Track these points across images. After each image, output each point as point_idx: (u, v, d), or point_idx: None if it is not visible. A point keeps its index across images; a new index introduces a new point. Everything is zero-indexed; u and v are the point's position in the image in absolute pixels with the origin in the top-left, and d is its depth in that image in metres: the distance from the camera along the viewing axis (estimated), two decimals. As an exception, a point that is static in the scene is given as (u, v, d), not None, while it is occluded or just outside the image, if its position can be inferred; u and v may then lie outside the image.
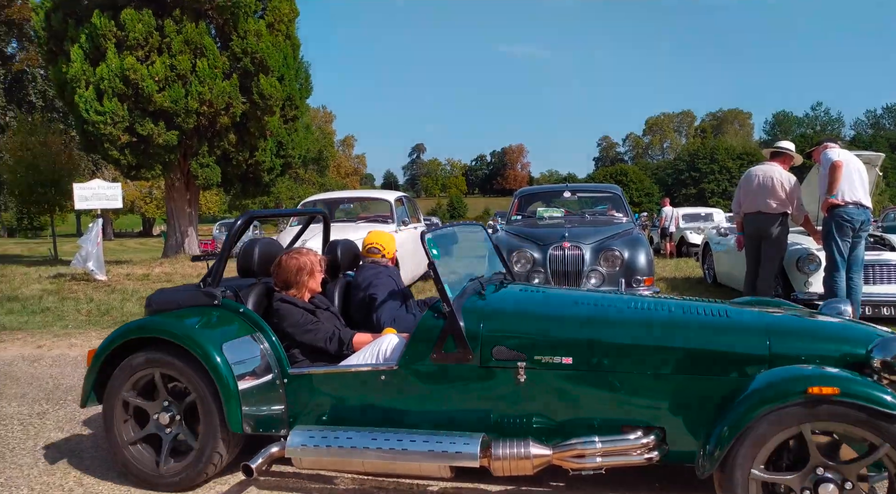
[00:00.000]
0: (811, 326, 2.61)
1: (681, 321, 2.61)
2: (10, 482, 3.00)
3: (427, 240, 2.74)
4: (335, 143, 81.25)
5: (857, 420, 2.08)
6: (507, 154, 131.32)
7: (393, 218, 9.06)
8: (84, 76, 12.65)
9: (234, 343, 2.84)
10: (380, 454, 2.55)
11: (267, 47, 13.70)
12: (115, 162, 13.94)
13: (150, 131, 13.18)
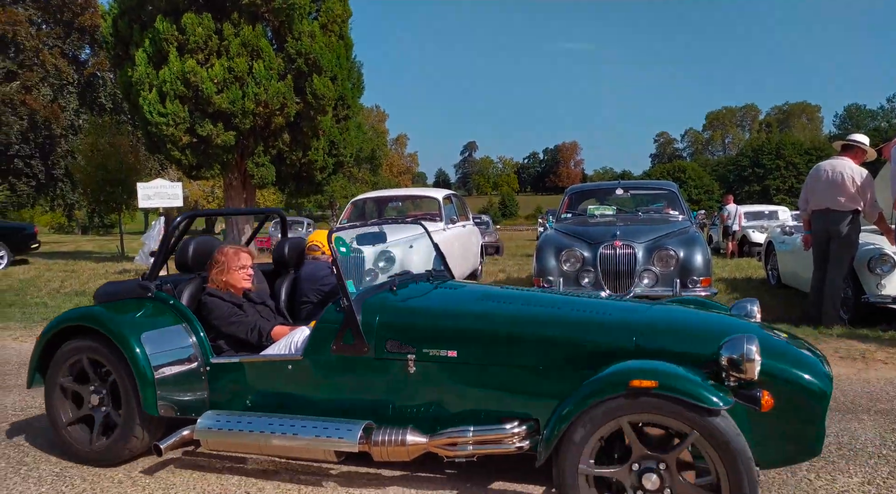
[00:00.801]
0: (674, 323, 2.68)
1: (558, 318, 2.74)
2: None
3: (335, 238, 2.91)
4: (388, 142, 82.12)
5: (673, 412, 2.15)
6: (560, 151, 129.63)
7: (441, 216, 9.02)
8: (148, 79, 13.18)
9: (158, 332, 3.09)
10: (274, 438, 2.76)
11: (320, 48, 13.91)
12: (177, 162, 14.46)
13: (209, 132, 13.61)
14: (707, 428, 2.12)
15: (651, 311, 2.80)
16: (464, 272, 9.40)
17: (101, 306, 3.28)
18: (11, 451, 3.32)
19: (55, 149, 30.18)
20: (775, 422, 2.35)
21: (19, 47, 29.22)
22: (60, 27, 31.22)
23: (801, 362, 2.45)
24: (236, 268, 3.38)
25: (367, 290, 2.95)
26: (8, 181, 28.54)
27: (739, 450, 2.11)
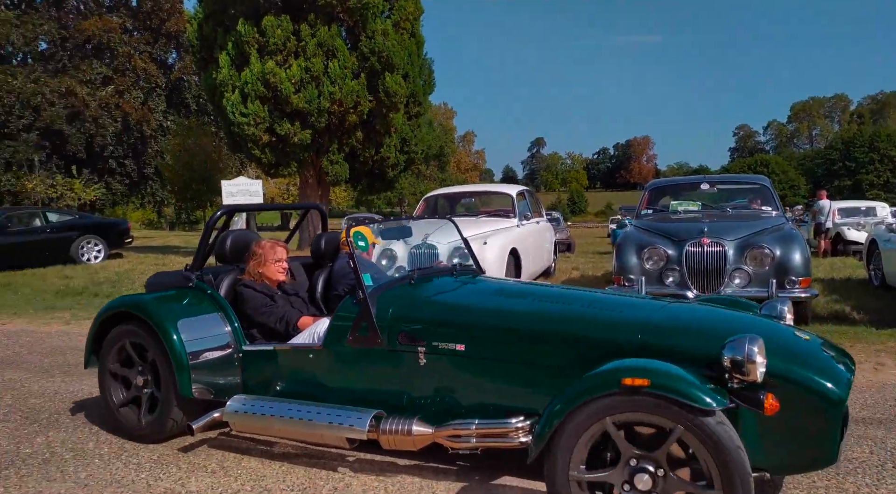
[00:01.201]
0: (682, 322, 2.61)
1: (565, 314, 2.74)
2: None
3: (354, 233, 3.02)
4: (455, 140, 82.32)
5: (662, 411, 2.09)
6: (631, 146, 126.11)
7: (514, 212, 8.89)
8: (231, 81, 13.72)
9: (195, 319, 3.27)
10: (292, 422, 2.88)
11: (393, 46, 14.05)
12: (257, 160, 15.00)
13: (287, 131, 14.03)
14: (700, 429, 2.04)
15: (664, 309, 2.75)
16: (537, 270, 9.24)
17: (147, 294, 3.52)
18: (113, 437, 3.48)
19: (146, 150, 32.08)
20: (785, 427, 2.24)
21: (113, 53, 31.21)
22: (149, 33, 33.12)
23: (818, 365, 2.34)
24: (272, 261, 3.51)
25: (384, 284, 3.04)
26: (104, 180, 30.56)
27: (732, 453, 2.03)
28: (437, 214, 9.71)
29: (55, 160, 29.96)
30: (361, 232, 3.11)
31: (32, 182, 25.97)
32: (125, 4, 33.38)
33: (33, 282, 10.42)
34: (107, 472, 3.02)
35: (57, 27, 30.42)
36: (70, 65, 30.59)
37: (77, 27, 30.75)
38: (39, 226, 12.88)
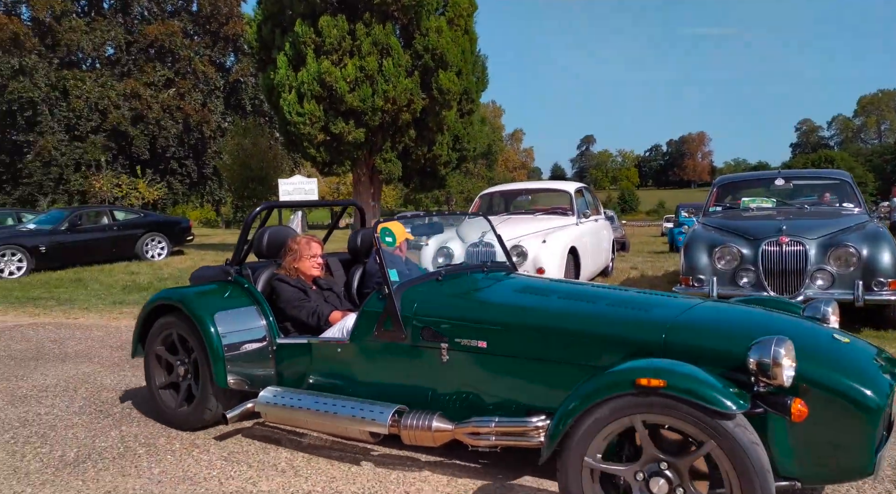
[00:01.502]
0: (710, 321, 2.54)
1: (588, 312, 2.70)
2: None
3: (381, 229, 3.04)
4: (503, 138, 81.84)
5: (684, 415, 2.01)
6: (685, 143, 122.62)
7: (573, 210, 8.66)
8: (288, 81, 13.94)
9: (231, 312, 3.39)
10: (317, 415, 2.94)
11: (447, 43, 13.98)
12: (312, 159, 15.20)
13: (342, 130, 14.15)
14: (718, 433, 1.97)
15: (693, 309, 2.65)
16: (595, 269, 8.99)
17: (189, 287, 3.66)
18: (183, 432, 3.50)
19: (205, 150, 33.14)
20: (818, 434, 2.13)
21: (175, 57, 32.35)
22: (209, 37, 34.17)
23: (856, 370, 2.21)
24: (308, 257, 3.59)
25: (410, 280, 3.05)
26: (166, 180, 31.74)
27: (753, 459, 1.93)
28: (492, 212, 9.59)
29: (121, 160, 31.29)
30: (389, 227, 3.10)
31: (100, 182, 27.19)
32: (186, 9, 34.56)
33: (102, 278, 10.84)
34: (179, 468, 3.03)
35: (123, 32, 31.74)
36: (135, 68, 31.88)
37: (141, 32, 32.03)
38: (107, 223, 13.40)
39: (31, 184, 29.73)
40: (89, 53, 31.34)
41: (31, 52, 29.07)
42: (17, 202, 29.70)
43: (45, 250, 11.87)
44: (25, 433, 3.49)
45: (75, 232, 12.64)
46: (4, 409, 3.91)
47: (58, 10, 29.81)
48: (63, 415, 3.79)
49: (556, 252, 7.24)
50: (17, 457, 3.16)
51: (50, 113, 29.41)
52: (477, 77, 15.72)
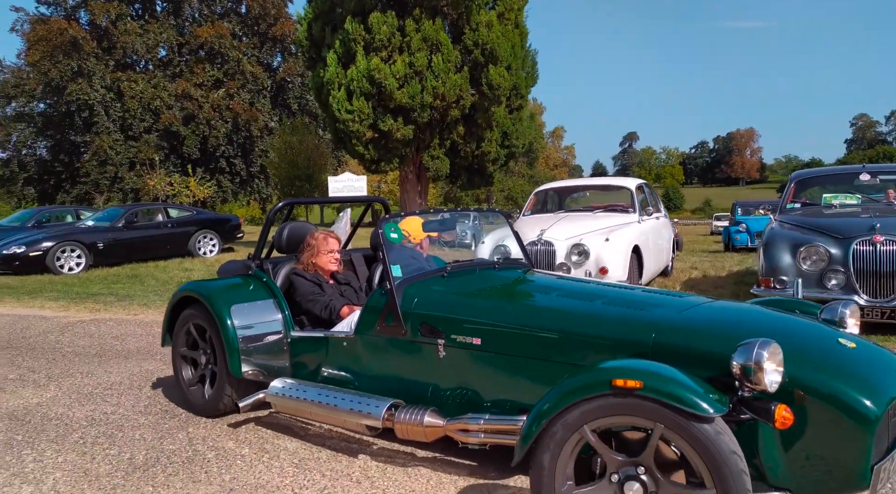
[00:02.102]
0: (702, 322, 2.45)
1: (581, 311, 2.66)
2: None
3: (386, 225, 3.06)
4: (544, 135, 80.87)
5: (661, 417, 1.93)
6: (733, 139, 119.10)
7: (634, 207, 8.30)
8: (337, 79, 13.93)
9: (248, 305, 3.47)
10: (319, 407, 2.98)
11: (497, 37, 13.73)
12: (360, 156, 15.17)
13: (391, 127, 14.07)
14: (693, 436, 1.88)
15: (693, 308, 2.57)
16: (657, 269, 8.60)
17: (211, 280, 3.80)
18: (251, 435, 3.37)
19: (253, 149, 33.72)
20: (810, 443, 2.03)
21: (224, 58, 33.00)
22: (257, 38, 34.75)
23: (856, 377, 2.10)
24: (325, 252, 3.65)
25: (413, 276, 3.06)
26: (215, 178, 32.41)
27: (731, 467, 1.86)
28: (546, 209, 9.30)
29: (172, 159, 32.10)
30: (395, 223, 3.17)
31: (153, 180, 27.92)
32: (235, 11, 35.22)
33: (157, 274, 10.99)
34: (251, 475, 2.89)
35: (175, 35, 32.55)
36: (186, 69, 32.66)
37: (192, 34, 32.78)
38: (162, 221, 13.65)
39: (88, 182, 30.78)
40: (143, 55, 32.25)
41: (89, 55, 30.08)
42: (76, 200, 30.81)
43: (103, 247, 12.13)
44: (93, 433, 3.42)
45: (131, 229, 12.90)
46: (72, 407, 3.87)
47: (113, 15, 30.77)
48: (129, 415, 3.72)
49: (619, 251, 6.92)
50: (87, 459, 3.08)
51: (106, 114, 30.38)
52: (526, 72, 15.43)
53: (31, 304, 8.08)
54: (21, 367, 4.89)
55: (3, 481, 2.84)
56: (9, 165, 32.48)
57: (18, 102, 31.44)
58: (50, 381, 4.47)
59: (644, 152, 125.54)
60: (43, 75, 29.41)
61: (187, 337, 3.74)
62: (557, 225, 7.50)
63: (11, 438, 3.36)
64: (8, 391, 4.25)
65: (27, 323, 6.77)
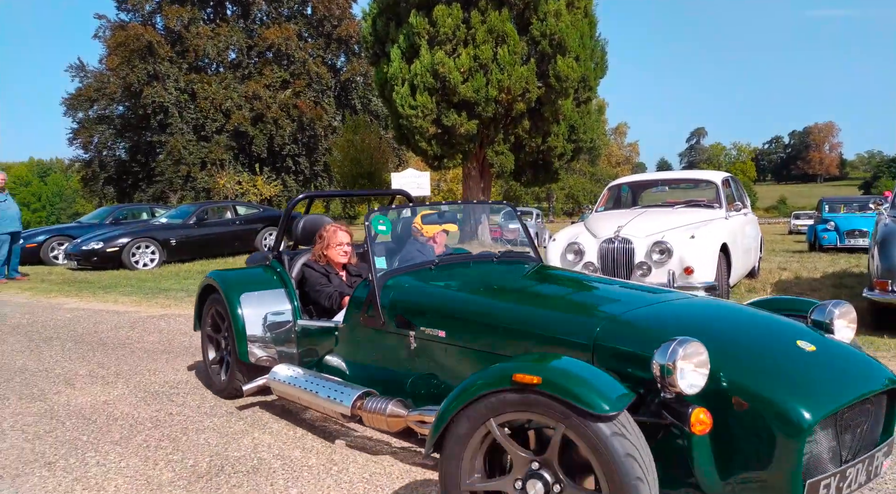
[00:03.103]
0: (643, 320, 2.33)
1: (534, 306, 2.66)
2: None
3: (374, 217, 3.11)
4: (607, 132, 78.85)
5: (558, 414, 1.85)
6: (810, 134, 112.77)
7: (720, 202, 7.67)
8: (401, 74, 13.77)
9: (259, 294, 3.67)
10: (304, 393, 3.06)
11: (566, 27, 13.22)
12: (423, 153, 14.97)
13: (454, 122, 13.79)
14: (587, 434, 1.81)
15: (648, 307, 2.48)
16: (744, 270, 7.94)
17: (233, 270, 4.05)
18: (319, 444, 3.14)
19: (317, 147, 34.30)
20: (741, 452, 1.93)
21: (291, 59, 33.68)
22: (322, 39, 35.31)
23: (793, 383, 1.98)
24: (335, 245, 3.75)
25: (396, 269, 3.10)
26: (281, 177, 33.15)
27: (623, 471, 1.77)
28: (621, 204, 8.78)
29: (241, 159, 33.03)
30: (381, 215, 3.20)
31: (223, 179, 28.78)
32: (301, 13, 35.88)
33: (226, 270, 11.13)
34: (318, 489, 2.64)
35: (244, 37, 33.47)
36: (255, 71, 33.51)
37: (260, 36, 33.60)
38: (230, 218, 13.88)
39: (162, 181, 32.05)
40: (214, 58, 33.29)
41: (164, 59, 31.31)
42: (151, 198, 32.16)
43: (175, 243, 12.42)
44: (157, 435, 3.27)
45: (202, 226, 13.16)
46: (138, 407, 3.75)
47: (186, 19, 31.88)
48: (194, 417, 3.56)
49: (706, 249, 6.37)
50: (150, 464, 2.91)
51: (179, 115, 31.53)
52: (595, 63, 14.80)
53: (105, 299, 8.26)
54: (91, 363, 4.87)
55: (65, 486, 2.70)
56: (91, 165, 34.27)
57: (100, 105, 33.09)
58: (118, 378, 4.41)
59: (713, 148, 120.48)
60: (122, 79, 30.81)
61: (212, 320, 3.97)
62: (635, 221, 7.00)
63: (77, 438, 3.26)
64: (77, 387, 4.21)
65: (100, 318, 6.87)
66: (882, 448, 2.07)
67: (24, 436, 3.29)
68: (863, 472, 2.01)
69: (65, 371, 4.63)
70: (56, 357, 5.08)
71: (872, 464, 2.04)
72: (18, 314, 7.26)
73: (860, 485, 2.01)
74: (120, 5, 32.77)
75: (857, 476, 1.99)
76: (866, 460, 2.01)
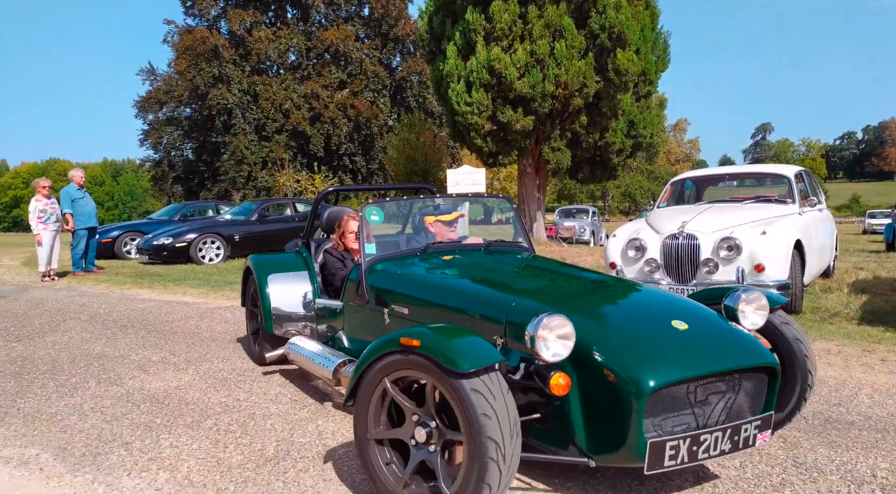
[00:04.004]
0: (538, 302, 2.61)
1: (473, 290, 2.94)
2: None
3: (367, 209, 3.50)
4: (666, 129, 76.59)
5: (429, 371, 2.14)
6: (886, 129, 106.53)
7: (793, 197, 7.30)
8: (456, 71, 13.76)
9: (284, 275, 4.22)
10: (308, 361, 3.52)
11: (626, 19, 12.90)
12: (478, 150, 14.92)
13: (510, 118, 13.67)
14: (452, 389, 2.07)
15: (562, 288, 2.96)
16: (819, 270, 7.55)
17: (269, 254, 4.64)
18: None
19: (373, 146, 34.79)
20: (600, 413, 2.21)
21: (348, 59, 34.28)
22: (379, 39, 35.77)
23: (648, 354, 2.22)
24: (348, 232, 4.16)
25: (382, 255, 3.52)
26: (337, 175, 33.79)
27: (477, 426, 2.00)
28: (684, 200, 8.49)
29: (299, 158, 33.86)
30: (375, 207, 3.57)
31: (283, 178, 29.58)
32: (358, 14, 36.46)
33: (286, 265, 11.41)
34: (382, 478, 2.64)
35: (303, 40, 34.28)
36: (313, 72, 34.28)
37: (319, 38, 34.34)
38: (290, 215, 14.24)
39: (226, 180, 33.21)
40: (275, 60, 34.27)
41: (228, 62, 32.43)
42: (216, 196, 33.40)
43: (239, 239, 12.84)
44: (226, 420, 3.37)
45: (264, 222, 13.55)
46: (207, 392, 3.88)
47: (249, 23, 32.94)
48: (260, 403, 3.66)
49: (779, 246, 6.08)
50: (220, 447, 3.00)
51: (242, 116, 32.60)
52: (657, 56, 14.36)
53: (175, 291, 8.62)
54: (163, 350, 5.08)
55: (141, 466, 2.82)
56: (160, 165, 35.88)
57: (168, 107, 34.60)
58: (189, 365, 4.58)
59: (780, 144, 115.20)
60: (189, 81, 32.12)
61: (251, 298, 4.53)
62: (701, 216, 6.74)
63: (152, 421, 3.39)
64: (151, 373, 4.39)
65: (171, 309, 7.17)
66: (753, 421, 2.24)
67: (103, 418, 3.46)
68: (725, 441, 2.19)
69: (139, 357, 4.85)
70: (131, 344, 5.32)
71: (739, 435, 2.22)
72: (96, 304, 7.66)
73: (723, 452, 2.19)
74: (187, 10, 34.14)
75: (718, 442, 2.18)
76: (729, 429, 2.20)
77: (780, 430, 2.98)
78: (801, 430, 3.07)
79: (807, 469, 2.64)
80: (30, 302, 7.97)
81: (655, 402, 2.16)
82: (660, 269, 6.45)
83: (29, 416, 3.51)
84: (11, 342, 5.52)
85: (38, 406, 3.69)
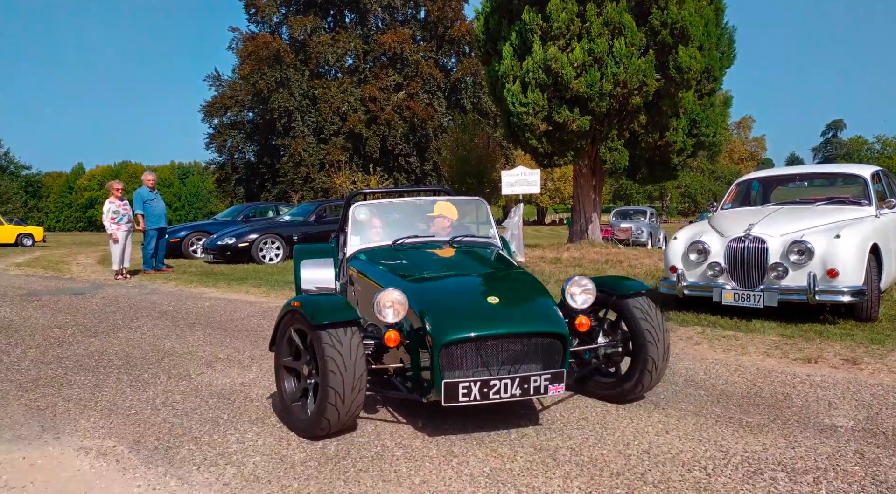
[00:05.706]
0: (420, 282, 3.56)
1: (389, 271, 3.79)
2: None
3: (355, 210, 4.44)
4: (729, 127, 73.73)
5: (306, 325, 3.08)
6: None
7: (869, 199, 6.90)
8: (512, 71, 13.67)
9: (315, 261, 5.22)
10: None
11: (689, 14, 12.49)
12: (533, 151, 14.76)
13: (566, 118, 13.47)
14: (315, 340, 2.99)
15: (447, 271, 3.73)
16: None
17: (311, 244, 5.71)
18: (439, 436, 3.18)
19: (427, 147, 35.07)
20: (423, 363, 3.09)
21: (405, 62, 34.67)
22: (434, 41, 36.03)
23: (451, 317, 3.05)
24: (379, 227, 4.63)
25: (367, 246, 4.28)
26: (392, 176, 34.24)
27: (326, 363, 2.88)
28: (750, 201, 8.16)
29: (356, 160, 34.49)
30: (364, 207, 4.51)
31: (339, 179, 30.21)
32: (414, 17, 36.86)
33: (343, 265, 11.64)
34: (440, 481, 2.67)
35: (361, 44, 34.91)
36: (370, 75, 34.85)
37: (376, 41, 34.90)
38: (347, 215, 14.52)
39: (285, 181, 34.21)
40: (333, 64, 35.06)
41: (289, 66, 33.39)
42: (275, 197, 34.43)
43: (297, 239, 13.19)
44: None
45: (321, 223, 13.87)
46: (271, 389, 4.01)
47: (309, 28, 33.82)
48: (321, 402, 3.74)
49: (854, 250, 5.79)
50: (283, 445, 3.09)
51: (302, 119, 33.50)
52: (721, 52, 13.83)
53: (238, 289, 8.93)
54: (229, 347, 5.28)
55: (210, 460, 2.93)
56: (224, 168, 37.31)
57: (232, 112, 35.95)
58: (252, 362, 4.74)
59: (853, 142, 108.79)
60: (252, 86, 33.26)
61: None
62: (769, 219, 6.48)
63: (219, 416, 3.53)
64: (217, 370, 4.57)
65: (234, 307, 7.43)
66: (543, 374, 2.92)
67: (173, 412, 3.62)
68: (515, 387, 2.89)
69: (206, 354, 5.05)
70: (199, 341, 5.55)
71: (529, 383, 2.90)
72: (166, 301, 8.03)
73: (514, 396, 2.90)
74: (251, 17, 35.36)
75: (509, 387, 2.88)
76: (518, 378, 2.90)
77: (855, 446, 2.83)
78: (881, 446, 2.91)
79: (888, 487, 2.50)
80: (104, 299, 8.43)
81: (452, 353, 2.94)
82: (724, 273, 6.23)
83: (106, 409, 3.71)
84: (89, 337, 5.85)
85: (113, 399, 3.90)
